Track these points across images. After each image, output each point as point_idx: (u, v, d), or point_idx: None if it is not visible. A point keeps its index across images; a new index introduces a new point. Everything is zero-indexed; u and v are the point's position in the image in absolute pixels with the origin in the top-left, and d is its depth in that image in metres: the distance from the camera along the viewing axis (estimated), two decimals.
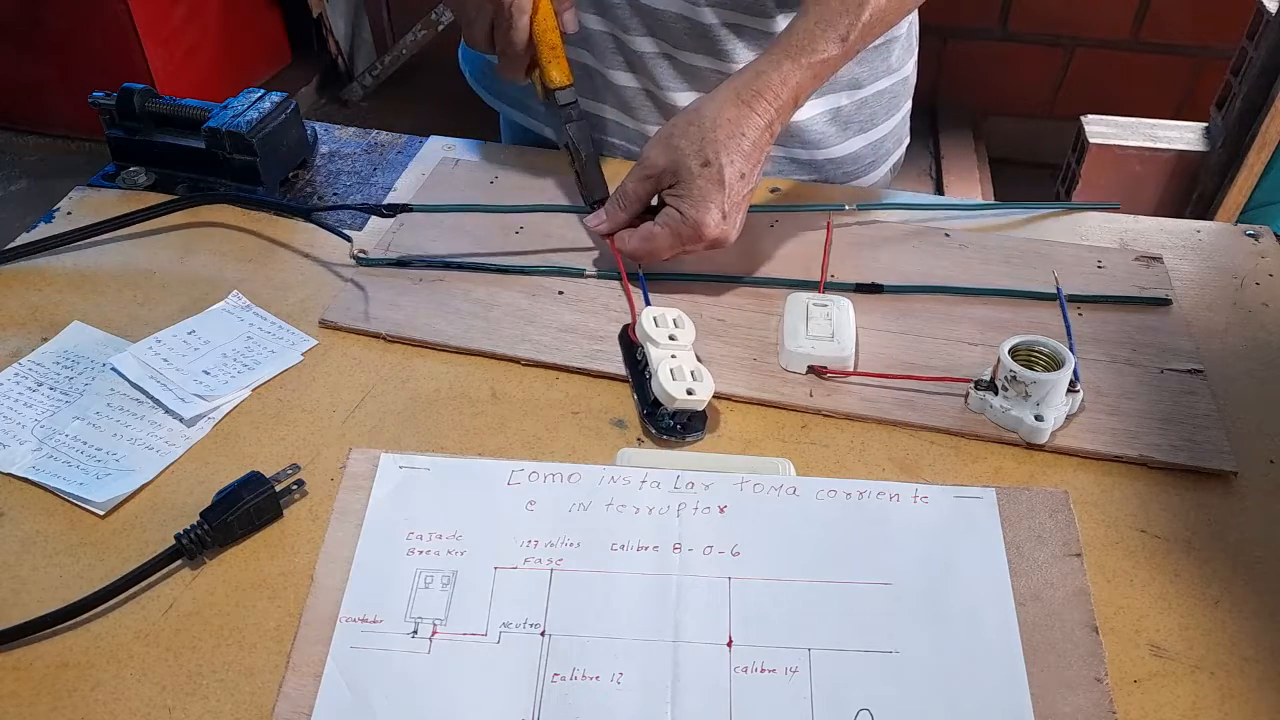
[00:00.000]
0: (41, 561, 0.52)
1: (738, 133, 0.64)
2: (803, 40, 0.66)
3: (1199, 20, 1.93)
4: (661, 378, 0.57)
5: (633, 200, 0.68)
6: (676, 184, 0.65)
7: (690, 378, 0.58)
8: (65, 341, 0.65)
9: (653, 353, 0.60)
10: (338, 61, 2.48)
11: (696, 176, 0.64)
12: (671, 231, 0.65)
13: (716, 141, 0.63)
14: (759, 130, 0.65)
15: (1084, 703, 0.45)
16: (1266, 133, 1.40)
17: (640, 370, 0.61)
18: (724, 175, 0.63)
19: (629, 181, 0.68)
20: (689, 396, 0.57)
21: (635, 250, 0.67)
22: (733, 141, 0.64)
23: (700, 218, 0.64)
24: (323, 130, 0.87)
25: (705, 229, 0.64)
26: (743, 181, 0.65)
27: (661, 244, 0.66)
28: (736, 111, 0.64)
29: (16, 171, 2.17)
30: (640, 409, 0.60)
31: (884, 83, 0.85)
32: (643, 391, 0.60)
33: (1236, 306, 0.69)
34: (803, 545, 0.51)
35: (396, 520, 0.52)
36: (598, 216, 0.70)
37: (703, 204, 0.64)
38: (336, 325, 0.66)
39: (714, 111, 0.65)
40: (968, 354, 0.64)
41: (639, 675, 0.46)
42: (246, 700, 0.46)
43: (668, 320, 0.62)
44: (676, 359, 0.59)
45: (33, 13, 2.03)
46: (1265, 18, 1.38)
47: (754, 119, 0.64)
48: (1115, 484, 0.57)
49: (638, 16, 0.78)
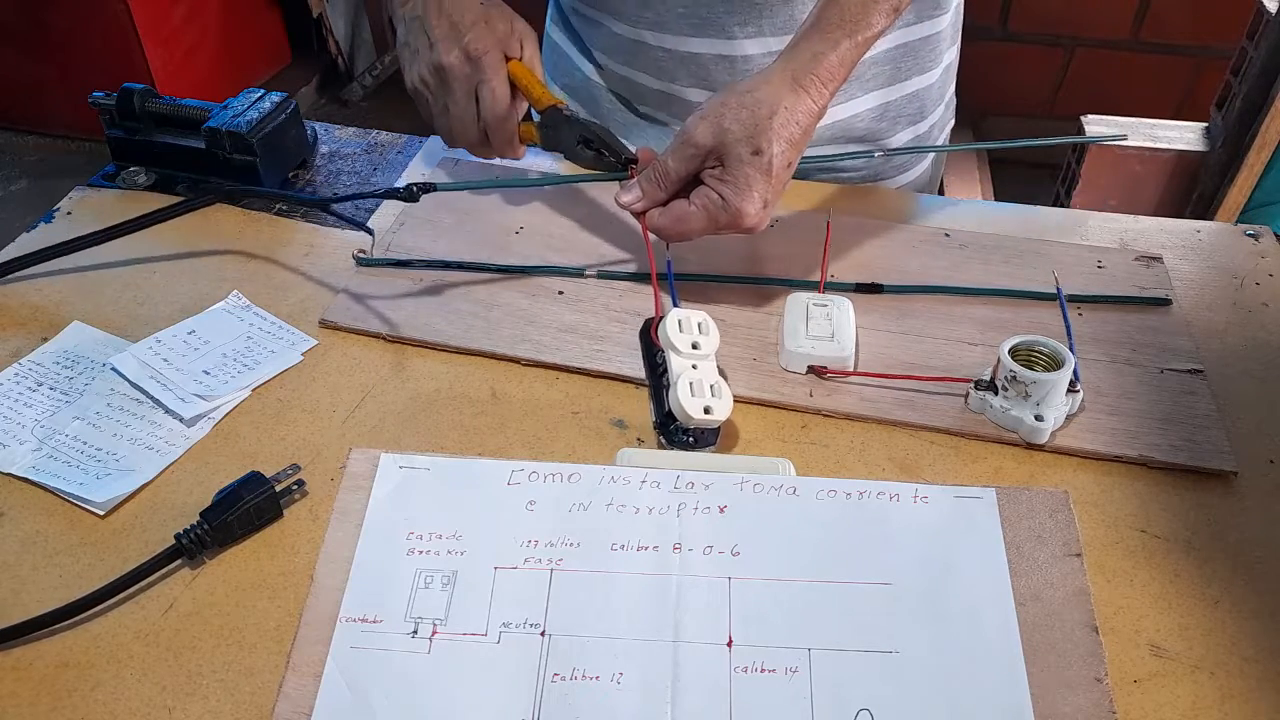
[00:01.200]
0: (41, 561, 0.52)
1: (791, 121, 0.61)
2: (857, 14, 0.62)
3: (1199, 20, 1.93)
4: (681, 394, 0.56)
5: (673, 180, 0.63)
6: (720, 167, 0.62)
7: (709, 393, 0.56)
8: (65, 341, 0.65)
9: (674, 362, 0.58)
10: (338, 61, 2.48)
11: (745, 164, 0.60)
12: (709, 216, 0.62)
13: (770, 130, 0.60)
14: (812, 117, 0.62)
15: (1084, 703, 0.45)
16: (1266, 133, 1.40)
17: (659, 374, 0.60)
18: (773, 165, 0.60)
19: (670, 159, 0.63)
20: (706, 416, 0.56)
21: (665, 228, 0.64)
22: (785, 130, 0.61)
23: (742, 206, 0.61)
24: (323, 130, 0.87)
25: (745, 218, 0.61)
26: (788, 170, 0.62)
27: (695, 226, 0.63)
28: (794, 98, 0.61)
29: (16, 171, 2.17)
30: (654, 417, 0.59)
31: (932, 75, 0.85)
32: (659, 398, 0.59)
33: (1236, 306, 0.69)
34: (803, 545, 0.51)
35: (396, 520, 0.52)
36: (632, 193, 0.65)
37: (747, 192, 0.61)
38: (336, 325, 0.66)
39: (770, 96, 0.61)
40: (968, 354, 0.64)
41: (639, 675, 0.46)
42: (246, 700, 0.46)
43: (692, 325, 0.59)
44: (697, 370, 0.57)
45: (33, 13, 2.03)
46: (1265, 18, 1.38)
47: (809, 105, 0.61)
48: (1115, 484, 0.57)
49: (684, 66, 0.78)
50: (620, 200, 0.66)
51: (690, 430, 0.58)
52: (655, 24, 0.79)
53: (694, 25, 0.78)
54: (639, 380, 0.62)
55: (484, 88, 0.68)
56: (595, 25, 0.84)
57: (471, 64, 0.67)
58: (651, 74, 0.83)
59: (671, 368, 0.58)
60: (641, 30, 0.80)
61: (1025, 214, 0.78)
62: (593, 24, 0.85)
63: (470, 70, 0.68)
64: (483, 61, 0.67)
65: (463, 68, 0.68)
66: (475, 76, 0.68)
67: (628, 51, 0.83)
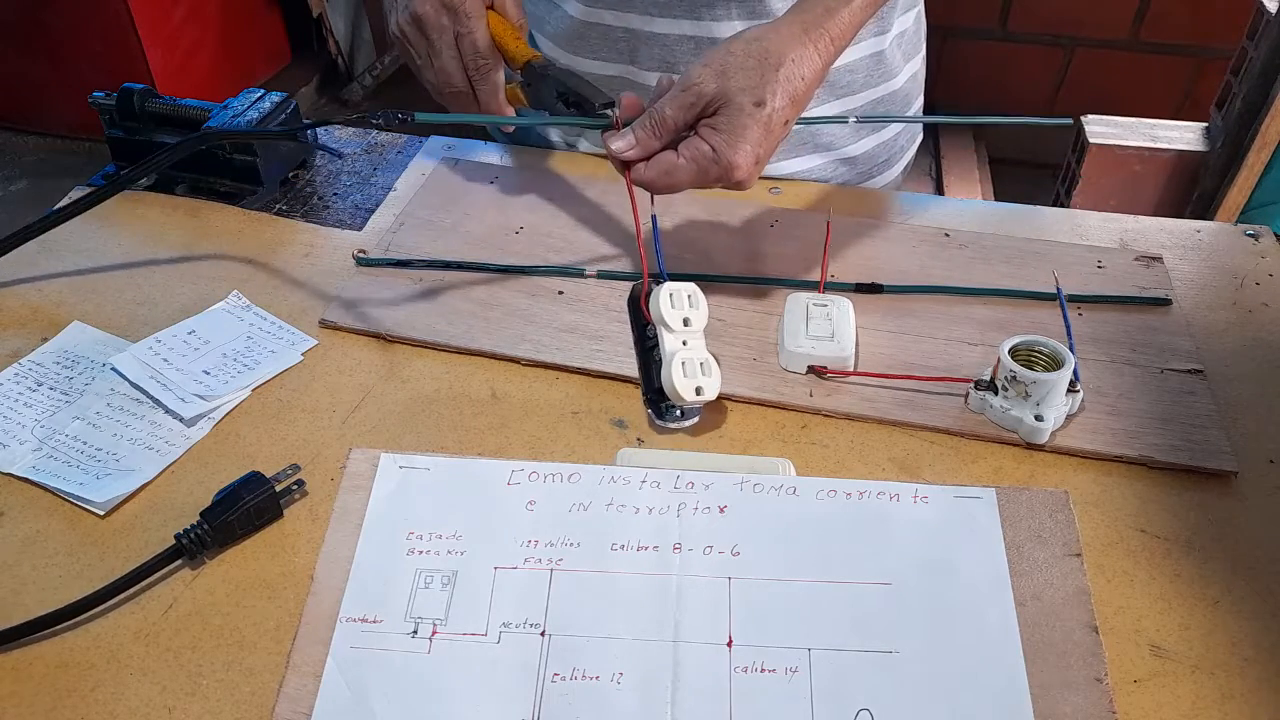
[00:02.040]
0: (41, 561, 0.52)
1: (797, 75, 0.59)
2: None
3: (1199, 20, 1.93)
4: (675, 374, 0.56)
5: (669, 128, 0.61)
6: (717, 115, 0.59)
7: (700, 372, 0.57)
8: (65, 341, 0.65)
9: (666, 340, 0.58)
10: (338, 61, 2.48)
11: (744, 114, 0.58)
12: (698, 168, 0.60)
13: (776, 81, 0.58)
14: (817, 73, 0.61)
15: (1084, 703, 0.45)
16: (1266, 133, 1.40)
17: (648, 349, 0.60)
18: (772, 120, 0.59)
19: (668, 106, 0.60)
20: (697, 396, 0.57)
21: (652, 180, 0.61)
22: (790, 84, 0.59)
23: (734, 159, 0.59)
24: (323, 130, 0.87)
25: (736, 170, 0.59)
26: (786, 127, 0.61)
27: (682, 178, 0.60)
28: (801, 50, 0.60)
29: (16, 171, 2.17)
30: (644, 390, 0.59)
31: (898, 80, 0.85)
32: (648, 373, 0.59)
33: (1236, 306, 0.69)
34: (803, 545, 0.51)
35: (396, 520, 0.52)
36: (625, 139, 0.61)
37: (741, 145, 0.58)
38: (336, 325, 0.66)
39: (778, 47, 0.59)
40: (968, 354, 0.64)
41: (639, 675, 0.46)
42: (246, 700, 0.46)
43: (683, 298, 0.58)
44: (689, 347, 0.58)
45: (33, 13, 2.03)
46: (1265, 18, 1.38)
47: (816, 61, 0.60)
48: (1115, 484, 0.57)
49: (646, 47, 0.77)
50: (611, 146, 0.62)
51: (680, 406, 0.58)
52: (617, 3, 0.77)
53: (660, 5, 0.77)
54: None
55: (464, 39, 0.66)
56: (551, 7, 0.82)
57: (449, 13, 0.66)
58: (605, 59, 0.81)
59: (664, 346, 0.58)
60: (600, 10, 0.79)
61: (1025, 214, 0.78)
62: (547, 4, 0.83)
63: (447, 20, 0.66)
64: (460, 11, 0.66)
65: (438, 17, 0.66)
66: (453, 26, 0.66)
67: (578, 36, 0.80)
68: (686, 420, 0.59)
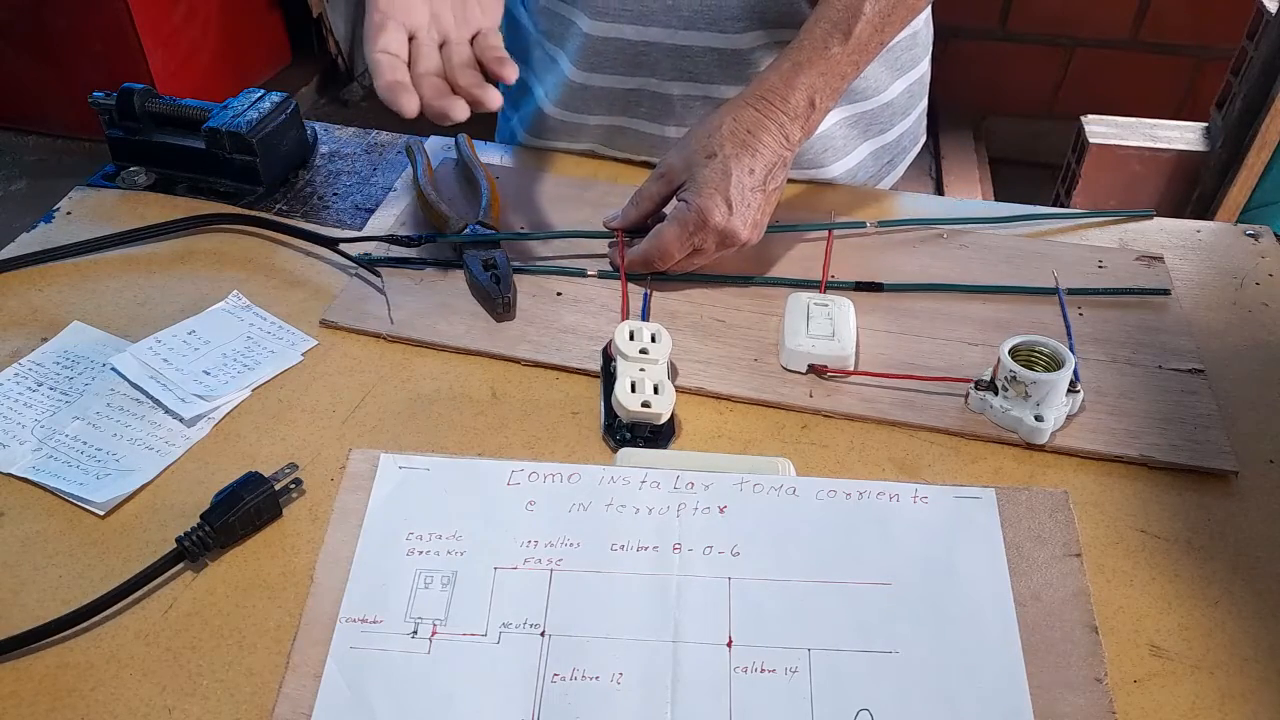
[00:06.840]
0: (42, 562, 0.52)
1: (742, 129, 0.66)
2: (804, 42, 0.67)
3: (1199, 20, 1.93)
4: (619, 390, 0.58)
5: (645, 199, 0.70)
6: (686, 180, 0.66)
7: (651, 391, 0.58)
8: (65, 341, 0.65)
9: (620, 365, 0.60)
10: (338, 61, 2.48)
11: (703, 168, 0.65)
12: (678, 223, 0.66)
13: (721, 137, 0.66)
14: (767, 131, 0.66)
15: (1084, 703, 0.45)
16: (1266, 133, 1.40)
17: (610, 382, 0.60)
18: (728, 166, 0.65)
19: (645, 183, 0.70)
20: (643, 409, 0.57)
21: (645, 251, 0.67)
22: (737, 137, 0.66)
23: (703, 204, 0.64)
24: (323, 130, 0.87)
25: (710, 214, 0.64)
26: (751, 176, 0.65)
27: (668, 237, 0.66)
28: (743, 113, 0.66)
29: (16, 171, 2.17)
30: (603, 420, 0.59)
31: (899, 85, 0.85)
32: (607, 402, 0.60)
33: (1236, 306, 0.69)
34: (803, 545, 0.51)
35: (396, 520, 0.52)
36: (612, 214, 0.72)
37: (706, 190, 0.65)
38: (336, 325, 0.66)
39: (722, 113, 0.67)
40: (968, 354, 0.64)
41: (639, 675, 0.46)
42: (246, 700, 0.46)
43: (644, 335, 0.61)
44: (644, 373, 0.59)
45: (33, 13, 2.03)
46: (1265, 18, 1.38)
47: (761, 120, 0.66)
48: (1115, 484, 0.57)
49: (669, 59, 0.78)
50: (605, 223, 0.72)
51: (636, 430, 0.58)
52: (638, 18, 0.77)
53: (684, 19, 0.77)
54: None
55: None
56: (566, 24, 0.82)
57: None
58: (624, 74, 0.81)
59: (618, 369, 0.59)
60: (621, 25, 0.79)
61: (1025, 214, 0.78)
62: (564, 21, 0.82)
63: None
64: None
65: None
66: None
67: (595, 52, 0.80)
68: (640, 445, 0.58)
